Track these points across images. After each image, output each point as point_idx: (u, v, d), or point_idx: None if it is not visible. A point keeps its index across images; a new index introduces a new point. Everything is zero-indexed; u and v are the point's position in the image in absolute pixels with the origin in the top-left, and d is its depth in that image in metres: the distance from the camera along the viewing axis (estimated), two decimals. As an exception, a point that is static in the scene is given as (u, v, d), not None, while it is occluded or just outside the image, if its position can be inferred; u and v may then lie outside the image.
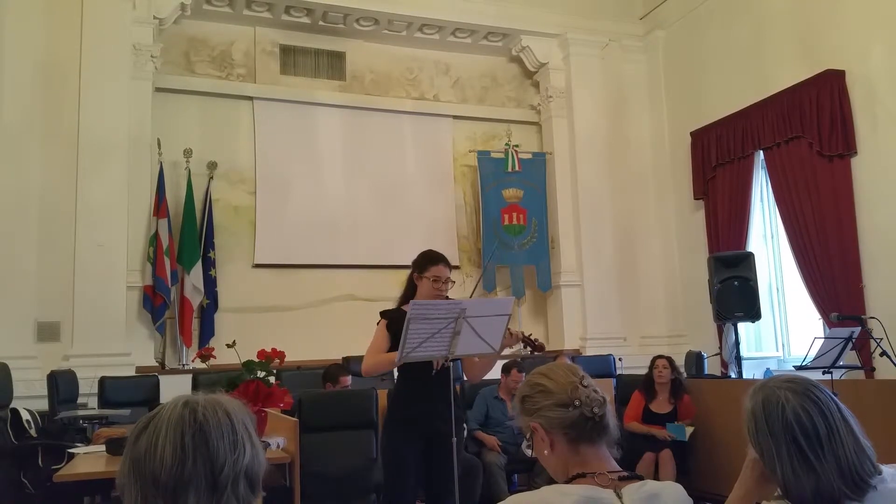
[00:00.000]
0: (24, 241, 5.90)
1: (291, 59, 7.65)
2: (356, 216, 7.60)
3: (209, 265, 6.83)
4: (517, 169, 7.97)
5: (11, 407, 4.96)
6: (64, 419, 4.94)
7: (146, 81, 6.64)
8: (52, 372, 5.29)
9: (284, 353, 3.82)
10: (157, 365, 6.48)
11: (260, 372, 3.71)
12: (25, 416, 4.96)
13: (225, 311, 6.91)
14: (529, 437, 1.50)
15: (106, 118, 6.23)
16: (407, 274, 3.42)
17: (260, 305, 7.09)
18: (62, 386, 5.23)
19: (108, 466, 3.19)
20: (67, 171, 6.09)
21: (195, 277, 6.66)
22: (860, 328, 4.78)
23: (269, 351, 3.77)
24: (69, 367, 5.63)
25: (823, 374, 4.34)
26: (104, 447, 3.53)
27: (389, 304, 3.48)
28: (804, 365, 4.58)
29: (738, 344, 6.08)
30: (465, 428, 4.52)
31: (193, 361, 6.44)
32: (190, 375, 5.89)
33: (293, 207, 7.39)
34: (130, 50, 6.46)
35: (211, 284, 6.82)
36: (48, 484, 3.90)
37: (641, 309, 7.90)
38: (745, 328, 6.40)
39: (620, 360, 6.96)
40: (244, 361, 3.71)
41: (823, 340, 4.63)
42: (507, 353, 3.77)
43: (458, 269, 7.68)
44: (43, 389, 5.24)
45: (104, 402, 5.43)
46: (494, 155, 8.07)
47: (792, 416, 1.36)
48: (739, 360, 6.04)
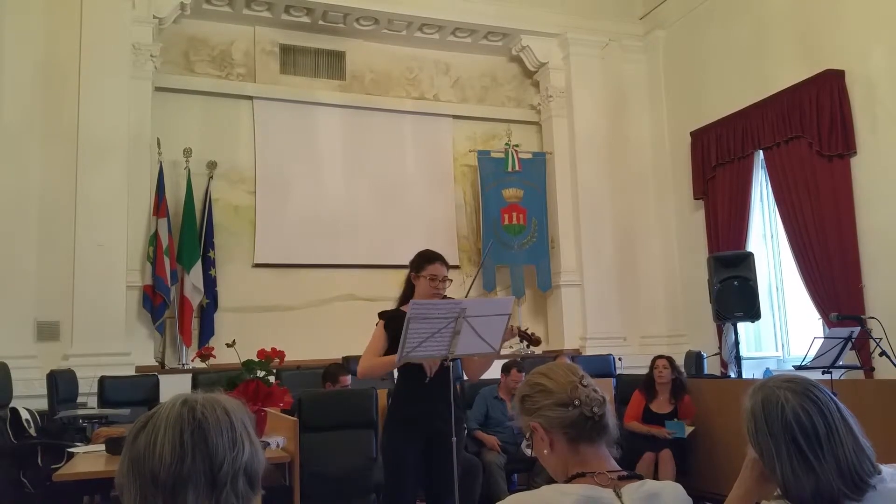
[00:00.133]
0: (23, 240, 5.90)
1: (291, 58, 7.65)
2: (356, 216, 7.59)
3: (209, 265, 6.83)
4: (517, 169, 7.97)
5: (11, 406, 4.96)
6: (63, 419, 4.94)
7: (146, 81, 6.64)
8: (51, 371, 5.29)
9: (284, 352, 3.83)
10: (156, 364, 6.48)
11: (260, 371, 3.71)
12: (25, 415, 4.96)
13: (225, 310, 6.92)
14: (529, 436, 1.50)
15: (105, 117, 6.23)
16: (406, 274, 3.42)
17: (260, 305, 7.09)
18: (62, 385, 5.24)
19: (107, 466, 3.18)
20: (67, 170, 6.09)
21: (195, 277, 6.67)
22: (859, 328, 4.78)
23: (268, 350, 3.77)
24: (69, 366, 5.64)
25: (823, 373, 4.34)
26: (104, 447, 3.52)
27: (389, 303, 3.48)
28: (804, 365, 4.58)
29: (737, 344, 6.09)
30: (465, 428, 4.52)
31: (193, 361, 6.44)
32: (190, 375, 5.90)
33: (293, 207, 7.39)
34: (130, 49, 6.46)
35: (211, 284, 6.82)
36: (48, 483, 3.90)
37: (641, 309, 7.90)
38: (744, 328, 6.40)
39: (620, 359, 6.97)
40: (244, 361, 3.71)
41: (823, 340, 4.64)
42: (505, 352, 3.78)
43: (457, 268, 7.69)
44: (42, 389, 5.24)
45: (104, 401, 5.43)
46: (494, 155, 8.07)
47: (791, 415, 1.36)
48: (739, 359, 6.04)
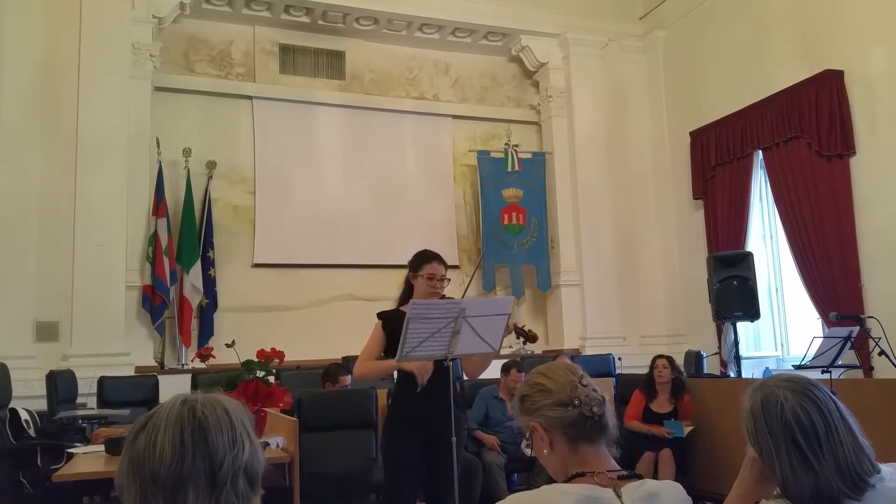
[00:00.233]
0: (23, 240, 5.90)
1: (291, 58, 7.65)
2: (356, 216, 7.59)
3: (208, 265, 6.82)
4: (517, 169, 7.97)
5: (10, 407, 4.96)
6: (63, 419, 4.93)
7: (145, 81, 6.63)
8: (51, 372, 5.28)
9: (284, 352, 3.83)
10: (156, 365, 6.47)
11: (259, 372, 3.72)
12: (24, 415, 4.96)
13: (224, 310, 6.91)
14: (529, 436, 1.50)
15: (105, 117, 6.22)
16: (406, 274, 3.42)
17: (259, 305, 7.09)
18: (61, 386, 5.23)
19: (107, 466, 3.18)
20: (66, 170, 6.09)
21: (194, 277, 6.66)
22: (859, 327, 4.79)
23: (268, 351, 3.78)
24: (68, 366, 5.63)
25: (822, 373, 4.34)
26: (103, 447, 3.52)
27: (389, 303, 3.48)
28: (803, 364, 4.58)
29: (737, 343, 6.09)
30: (465, 428, 4.52)
31: (193, 361, 6.43)
32: (189, 375, 5.90)
33: (293, 207, 7.39)
34: (129, 49, 6.46)
35: (210, 284, 6.82)
36: (47, 484, 3.90)
37: (641, 308, 7.90)
38: (744, 327, 6.40)
39: (620, 359, 6.97)
40: (243, 361, 3.71)
41: (822, 340, 4.64)
42: (505, 351, 3.78)
43: (457, 268, 7.69)
44: (42, 389, 5.23)
45: (103, 401, 5.42)
46: (494, 155, 8.07)
47: (791, 415, 1.36)
48: (738, 359, 6.04)
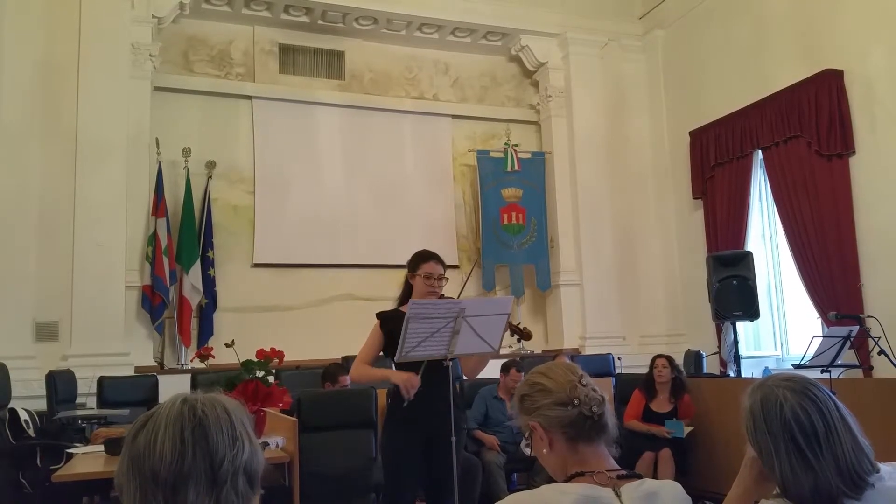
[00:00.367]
0: (22, 240, 5.89)
1: (290, 58, 7.64)
2: (355, 216, 7.59)
3: (208, 265, 6.82)
4: (516, 168, 7.96)
5: (10, 407, 4.96)
6: (62, 419, 4.93)
7: (145, 81, 6.63)
8: (50, 372, 5.28)
9: (283, 352, 3.83)
10: (155, 365, 6.46)
11: (259, 371, 3.71)
12: (24, 416, 4.96)
13: (224, 310, 6.91)
14: (528, 435, 1.50)
15: (104, 117, 6.22)
16: (405, 275, 3.42)
17: (259, 305, 7.09)
18: (61, 386, 5.23)
19: (106, 466, 3.18)
20: (66, 170, 6.08)
21: (194, 277, 6.65)
22: (858, 327, 4.79)
23: (267, 350, 3.77)
24: (68, 366, 5.62)
25: (822, 372, 4.35)
26: (102, 447, 3.52)
27: (389, 303, 3.49)
28: (803, 364, 4.58)
29: (736, 343, 6.09)
30: (465, 427, 4.52)
31: (192, 361, 6.43)
32: (189, 375, 5.90)
33: (292, 207, 7.38)
34: (129, 49, 6.45)
35: (210, 284, 6.81)
36: (47, 484, 3.89)
37: (640, 308, 7.90)
38: (743, 327, 6.40)
39: (619, 359, 6.97)
40: (243, 361, 3.71)
41: (822, 339, 4.64)
42: (504, 351, 3.78)
43: (456, 268, 7.68)
44: (41, 389, 5.23)
45: (103, 401, 5.42)
46: (494, 154, 8.07)
47: (790, 414, 1.36)
48: (738, 358, 6.04)
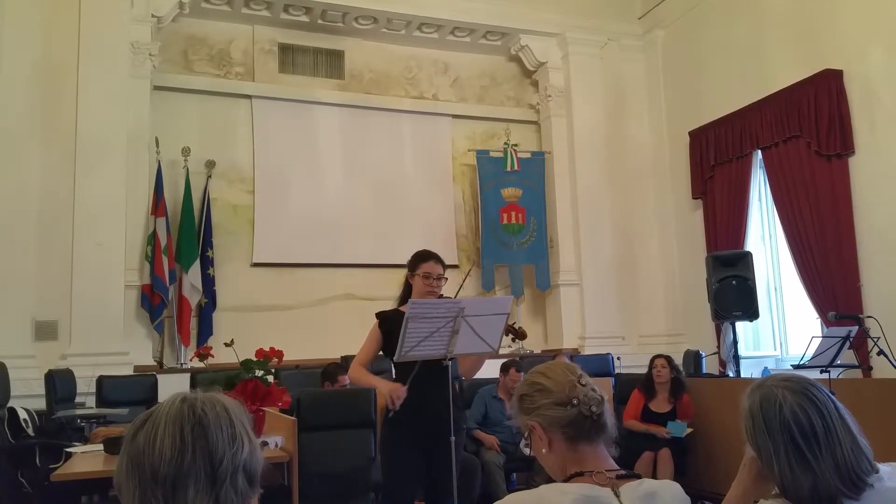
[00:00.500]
0: (22, 239, 5.89)
1: (290, 57, 7.64)
2: (355, 215, 7.58)
3: (207, 264, 6.81)
4: (516, 168, 7.96)
5: (9, 406, 4.96)
6: (61, 418, 4.93)
7: (144, 80, 6.62)
8: (49, 371, 5.28)
9: (283, 352, 3.82)
10: (155, 364, 6.46)
11: (258, 371, 3.71)
12: (23, 415, 4.96)
13: (223, 310, 6.90)
14: (527, 435, 1.50)
15: (104, 117, 6.21)
16: (404, 275, 3.42)
17: (258, 304, 7.08)
18: (60, 385, 5.22)
19: (105, 466, 3.18)
20: (65, 169, 6.08)
21: (193, 276, 6.65)
22: (858, 327, 4.79)
23: (267, 350, 3.77)
24: (67, 366, 5.62)
25: (821, 372, 4.35)
26: (102, 446, 3.52)
27: (388, 303, 3.49)
28: (802, 364, 4.58)
29: (736, 343, 6.09)
30: (464, 427, 4.52)
31: (192, 360, 6.42)
32: (188, 374, 5.90)
33: (292, 206, 7.38)
34: (129, 48, 6.45)
35: (209, 283, 6.81)
36: (46, 483, 3.89)
37: (640, 308, 7.90)
38: (743, 327, 6.40)
39: (619, 359, 6.97)
40: (242, 360, 3.70)
41: (821, 339, 4.64)
42: (503, 351, 3.79)
43: (456, 268, 7.68)
44: (40, 388, 5.23)
45: (102, 401, 5.41)
46: (493, 154, 8.07)
47: (789, 414, 1.36)
48: (737, 358, 6.04)
